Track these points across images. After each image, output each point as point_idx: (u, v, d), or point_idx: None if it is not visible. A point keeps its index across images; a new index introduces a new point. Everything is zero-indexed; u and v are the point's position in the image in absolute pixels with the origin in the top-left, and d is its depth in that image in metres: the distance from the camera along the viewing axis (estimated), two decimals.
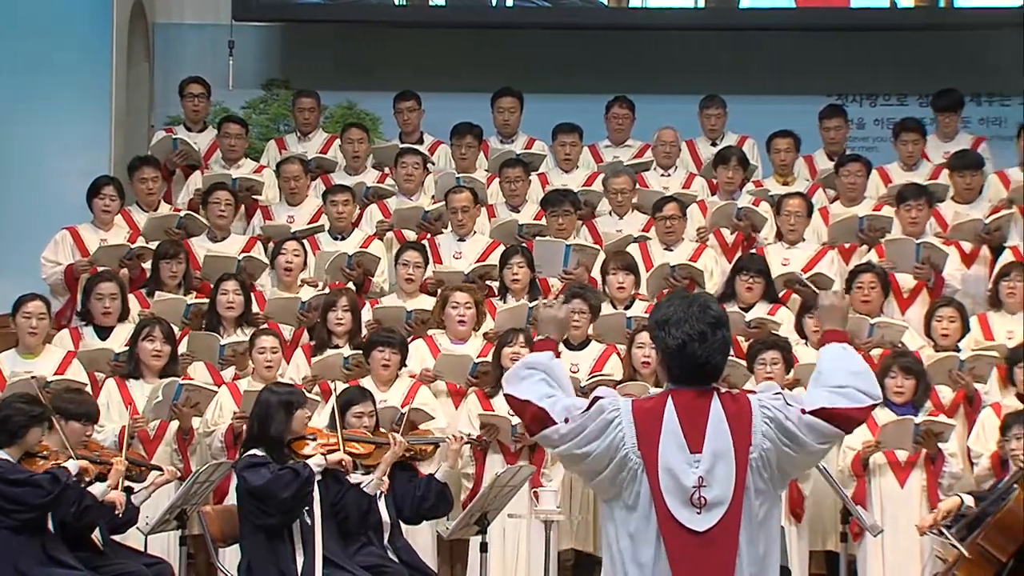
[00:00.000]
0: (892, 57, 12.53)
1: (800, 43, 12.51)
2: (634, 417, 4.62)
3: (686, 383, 4.65)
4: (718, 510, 4.57)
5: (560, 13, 12.49)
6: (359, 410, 8.09)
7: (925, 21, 12.29)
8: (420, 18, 12.63)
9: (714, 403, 4.63)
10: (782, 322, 9.47)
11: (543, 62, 12.57)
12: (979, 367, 8.94)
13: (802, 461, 4.72)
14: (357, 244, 10.29)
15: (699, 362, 4.62)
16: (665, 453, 4.59)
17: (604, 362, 9.23)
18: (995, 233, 10.18)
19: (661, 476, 4.57)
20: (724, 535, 4.56)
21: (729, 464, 4.58)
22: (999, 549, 7.15)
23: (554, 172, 11.40)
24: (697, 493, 4.57)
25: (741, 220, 10.45)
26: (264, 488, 7.40)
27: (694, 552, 4.55)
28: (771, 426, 4.61)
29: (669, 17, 12.45)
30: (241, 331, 9.42)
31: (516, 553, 8.71)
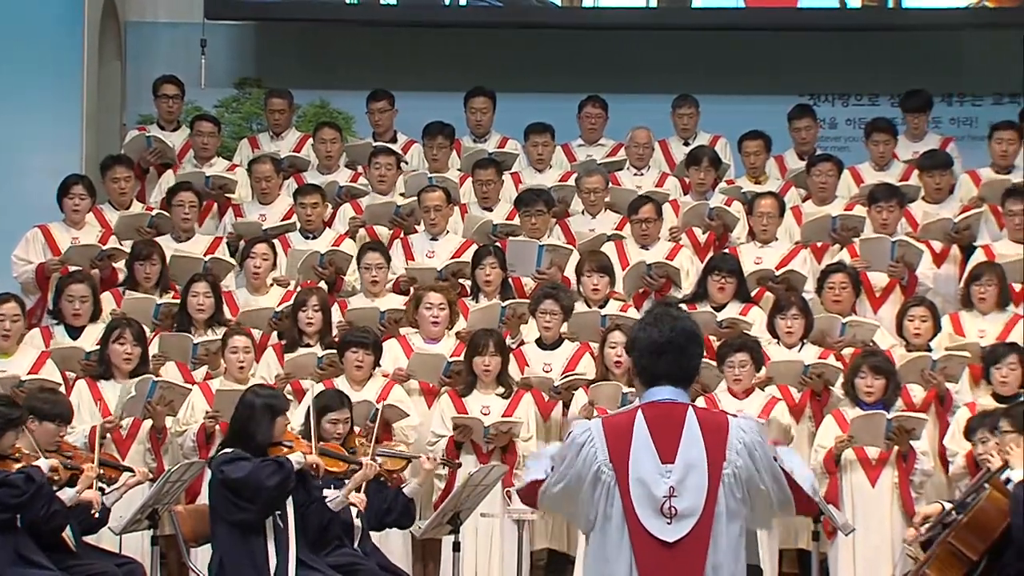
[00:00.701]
0: (864, 57, 12.56)
1: (772, 43, 12.54)
2: (605, 433, 4.67)
3: (663, 379, 4.68)
4: (688, 521, 4.59)
5: (533, 13, 12.50)
6: (335, 417, 8.07)
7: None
8: (393, 17, 12.61)
9: (689, 415, 4.67)
10: (754, 322, 9.49)
11: (516, 61, 12.57)
12: (951, 367, 8.98)
13: (764, 505, 4.71)
14: (329, 243, 10.28)
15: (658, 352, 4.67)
16: (636, 463, 4.62)
17: (577, 361, 9.24)
18: (965, 232, 10.22)
19: (632, 486, 4.60)
20: (693, 546, 4.58)
21: (701, 476, 4.60)
22: (970, 548, 7.17)
23: (527, 171, 11.40)
24: (668, 503, 4.59)
25: (713, 220, 10.47)
26: (247, 479, 7.31)
27: (663, 562, 4.57)
28: (745, 450, 4.64)
29: (636, 17, 12.47)
30: (212, 331, 9.40)
31: (489, 552, 8.71)
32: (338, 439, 8.02)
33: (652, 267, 9.92)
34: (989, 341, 9.22)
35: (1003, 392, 8.72)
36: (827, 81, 12.71)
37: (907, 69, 12.20)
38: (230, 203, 10.96)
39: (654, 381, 4.72)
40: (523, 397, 8.96)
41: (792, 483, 4.70)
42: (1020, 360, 8.75)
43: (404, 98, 11.83)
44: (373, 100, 11.71)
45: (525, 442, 8.81)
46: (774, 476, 4.68)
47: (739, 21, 12.43)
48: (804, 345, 9.30)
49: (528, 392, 9.01)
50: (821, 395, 9.03)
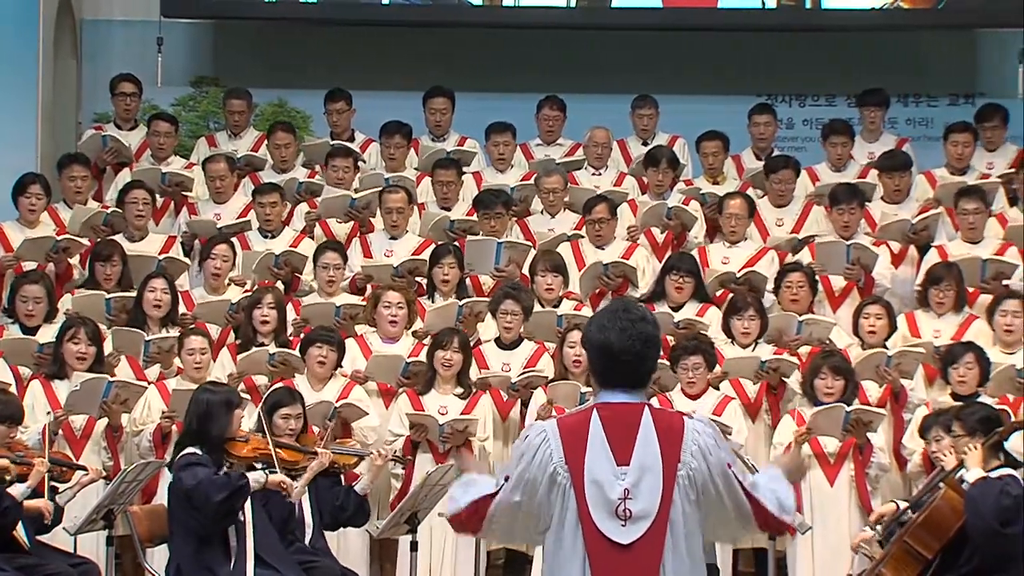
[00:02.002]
0: (821, 58, 12.62)
1: (730, 44, 12.58)
2: (560, 433, 4.64)
3: (616, 385, 4.66)
4: (643, 523, 4.57)
5: (492, 12, 12.49)
6: (286, 412, 8.00)
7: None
8: (351, 16, 12.57)
9: (645, 417, 4.64)
10: (710, 323, 9.51)
11: (475, 61, 12.57)
12: (905, 363, 9.03)
13: (718, 513, 4.67)
14: (287, 243, 10.25)
15: (615, 355, 4.62)
16: (591, 465, 4.59)
17: (536, 361, 9.24)
18: (922, 233, 10.27)
19: (587, 488, 4.58)
20: (648, 548, 4.55)
21: (656, 478, 4.58)
22: (925, 547, 7.21)
23: (488, 171, 11.40)
24: (622, 505, 4.57)
25: (671, 220, 10.49)
26: (195, 490, 7.31)
27: (617, 565, 4.55)
28: (700, 452, 4.62)
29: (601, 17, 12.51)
30: (166, 329, 9.35)
31: (446, 552, 8.69)
32: (290, 434, 7.97)
33: (609, 267, 9.93)
34: (944, 341, 9.27)
35: (961, 392, 8.76)
36: (784, 82, 12.75)
37: (864, 70, 12.26)
38: (187, 201, 10.92)
39: (608, 385, 4.69)
40: (481, 397, 8.95)
41: (749, 495, 4.66)
42: (977, 359, 8.80)
43: (362, 97, 11.81)
44: (331, 100, 11.68)
45: (481, 442, 8.81)
46: (727, 482, 4.65)
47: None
48: (759, 345, 9.33)
49: (486, 392, 9.00)
50: (777, 389, 9.06)
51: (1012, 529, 7.10)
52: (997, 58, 12.52)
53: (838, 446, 8.58)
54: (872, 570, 7.34)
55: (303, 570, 7.56)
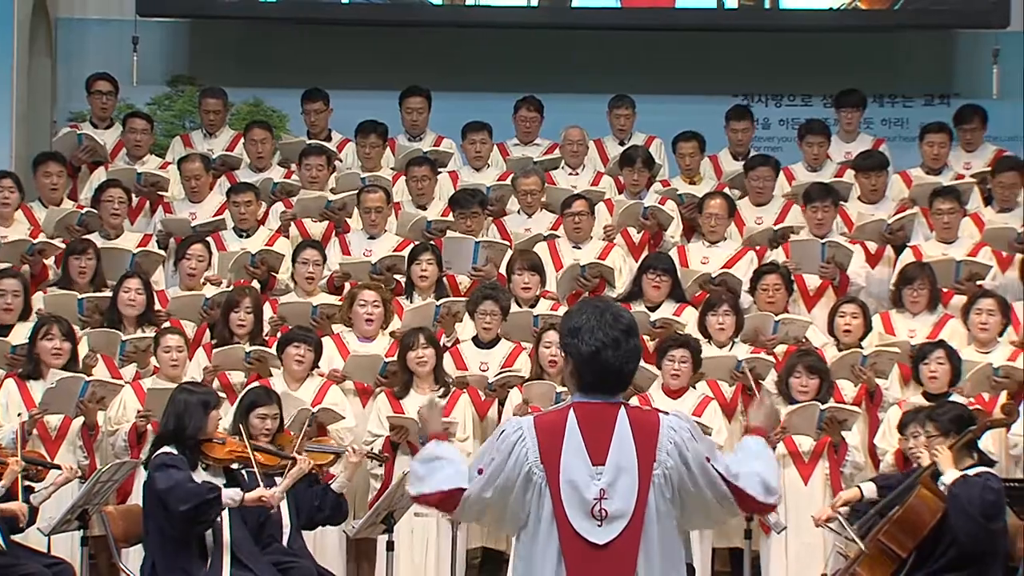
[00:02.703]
0: (797, 58, 12.64)
1: (706, 44, 12.60)
2: (536, 432, 4.62)
3: (597, 391, 4.65)
4: (619, 523, 4.56)
5: (469, 12, 12.48)
6: (263, 412, 7.97)
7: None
8: (327, 15, 12.55)
9: (620, 416, 4.62)
10: (687, 322, 9.52)
11: (452, 60, 12.56)
12: (881, 363, 9.05)
13: (698, 505, 4.66)
14: (262, 242, 10.24)
15: (613, 369, 4.61)
16: (567, 465, 4.58)
17: (514, 360, 9.24)
18: (898, 233, 10.30)
19: (563, 488, 4.57)
20: (624, 548, 4.55)
21: (632, 478, 4.57)
22: (899, 545, 7.25)
23: (465, 170, 11.40)
24: (598, 505, 4.56)
25: (648, 219, 10.50)
26: (166, 493, 7.26)
27: (593, 565, 4.54)
28: (675, 449, 4.61)
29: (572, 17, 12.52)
30: (142, 329, 9.33)
31: (424, 551, 8.69)
32: (266, 435, 7.95)
33: (586, 268, 9.94)
34: (919, 341, 9.29)
35: (932, 389, 8.79)
36: (760, 82, 12.78)
37: (840, 70, 12.29)
38: (162, 201, 10.90)
39: (589, 391, 4.67)
40: (459, 397, 8.95)
41: (731, 485, 4.64)
42: (947, 356, 8.83)
43: (339, 97, 11.80)
44: (308, 100, 11.67)
45: (461, 442, 8.79)
46: (707, 475, 4.64)
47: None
48: (735, 344, 9.35)
49: (464, 391, 9.00)
50: (752, 391, 9.07)
51: (996, 524, 7.15)
52: (972, 59, 12.55)
53: (812, 445, 8.60)
54: (847, 569, 7.37)
55: (279, 571, 7.54)
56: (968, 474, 7.29)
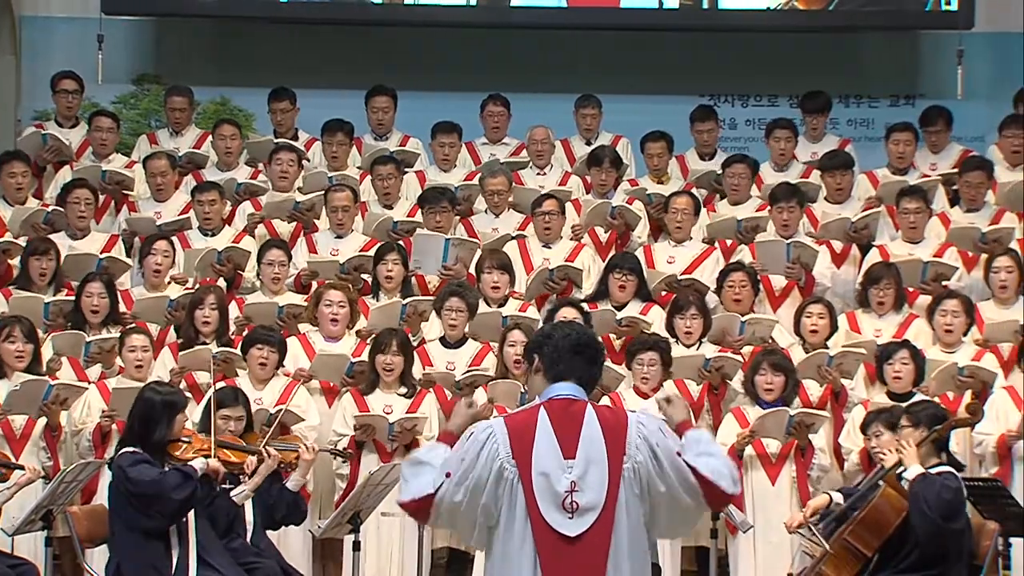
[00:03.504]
0: (764, 58, 12.68)
1: (673, 44, 12.62)
2: (507, 429, 4.69)
3: (568, 377, 4.72)
4: (590, 515, 4.61)
5: (437, 12, 12.46)
6: (227, 413, 7.89)
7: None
8: (294, 14, 12.52)
9: (588, 411, 4.70)
10: (653, 321, 9.53)
11: (419, 60, 12.55)
12: (847, 363, 9.08)
13: (667, 502, 4.70)
14: (228, 240, 10.21)
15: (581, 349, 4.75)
16: (539, 459, 4.63)
17: (481, 360, 9.24)
18: (863, 232, 10.34)
19: (535, 481, 4.62)
20: (595, 540, 4.60)
21: (602, 471, 4.62)
22: (864, 544, 7.28)
23: (432, 170, 11.39)
24: (569, 498, 4.61)
25: (615, 219, 10.51)
26: (153, 488, 7.19)
27: (566, 557, 4.59)
28: (644, 444, 4.65)
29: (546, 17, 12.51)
30: (107, 329, 9.28)
31: (390, 552, 8.68)
32: (231, 435, 7.92)
33: (554, 271, 9.93)
34: (885, 340, 9.32)
35: (896, 389, 8.83)
36: (727, 82, 12.80)
37: (806, 70, 12.33)
38: (127, 200, 10.85)
39: (561, 377, 4.74)
40: (425, 396, 8.94)
41: (701, 477, 4.69)
42: (911, 356, 8.87)
43: (306, 96, 11.77)
44: (275, 100, 11.64)
45: (428, 440, 8.78)
46: (678, 470, 4.68)
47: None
48: (702, 345, 9.36)
49: (431, 390, 8.99)
50: (719, 389, 9.09)
51: (954, 524, 7.18)
52: (937, 60, 12.61)
53: (779, 446, 8.63)
54: (812, 568, 7.39)
55: (245, 571, 7.51)
56: (930, 472, 7.33)
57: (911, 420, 7.59)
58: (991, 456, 8.74)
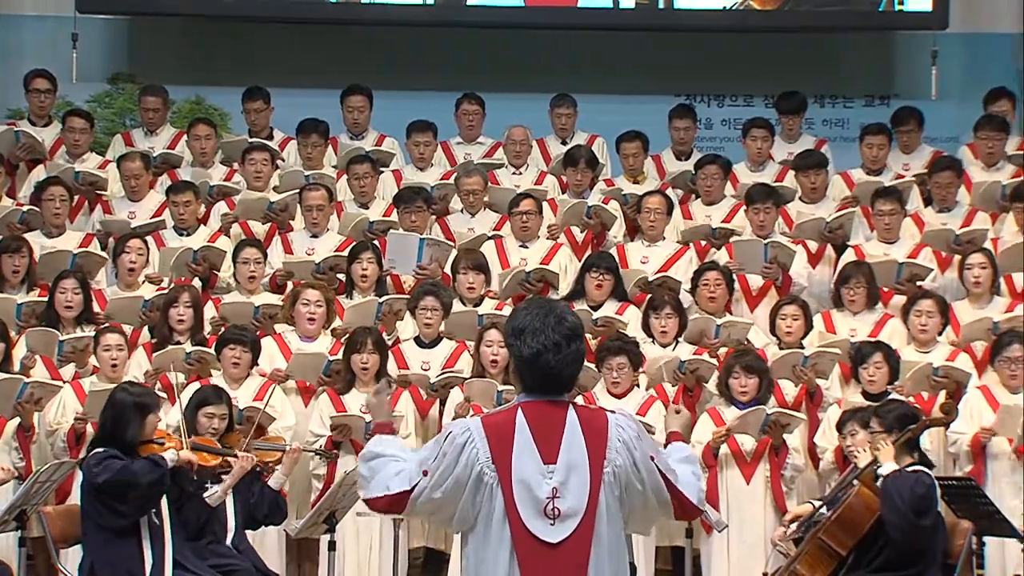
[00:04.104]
0: (740, 58, 12.70)
1: (649, 44, 12.63)
2: (485, 433, 4.61)
3: (539, 392, 4.65)
4: (571, 521, 4.56)
5: (411, 12, 12.45)
6: (211, 411, 7.93)
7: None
8: (269, 13, 12.49)
9: (570, 415, 4.64)
10: (629, 321, 9.54)
11: (395, 59, 12.53)
12: (822, 363, 9.10)
13: (640, 503, 4.68)
14: (203, 240, 10.18)
15: (553, 372, 4.62)
16: (519, 465, 4.57)
17: (455, 360, 9.23)
18: (838, 231, 10.36)
19: (515, 487, 4.56)
20: (576, 546, 4.55)
21: (583, 476, 4.58)
22: (838, 543, 7.30)
23: (408, 169, 11.38)
24: (551, 504, 4.56)
25: (591, 219, 10.51)
26: (121, 475, 7.17)
27: (546, 563, 4.54)
28: (624, 447, 4.63)
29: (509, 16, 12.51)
30: (81, 328, 9.25)
31: (369, 551, 8.66)
32: (214, 434, 7.90)
33: (530, 273, 9.92)
34: (860, 339, 9.34)
35: (871, 390, 8.86)
36: (703, 82, 12.82)
37: (782, 70, 12.35)
38: (100, 200, 10.81)
39: (532, 391, 4.68)
40: (401, 395, 8.93)
41: (671, 486, 4.68)
42: (885, 358, 8.90)
43: (281, 95, 11.75)
44: (249, 99, 11.62)
45: (404, 439, 8.78)
46: (651, 475, 4.65)
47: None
48: (679, 344, 9.38)
49: (406, 390, 8.98)
50: (694, 391, 9.10)
51: (925, 520, 7.21)
52: (911, 60, 12.65)
53: (754, 445, 8.64)
54: (787, 567, 7.41)
55: (220, 573, 7.50)
56: (904, 470, 7.36)
57: (881, 423, 7.62)
58: (965, 455, 8.78)
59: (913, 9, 12.17)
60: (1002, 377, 8.92)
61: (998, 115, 11.40)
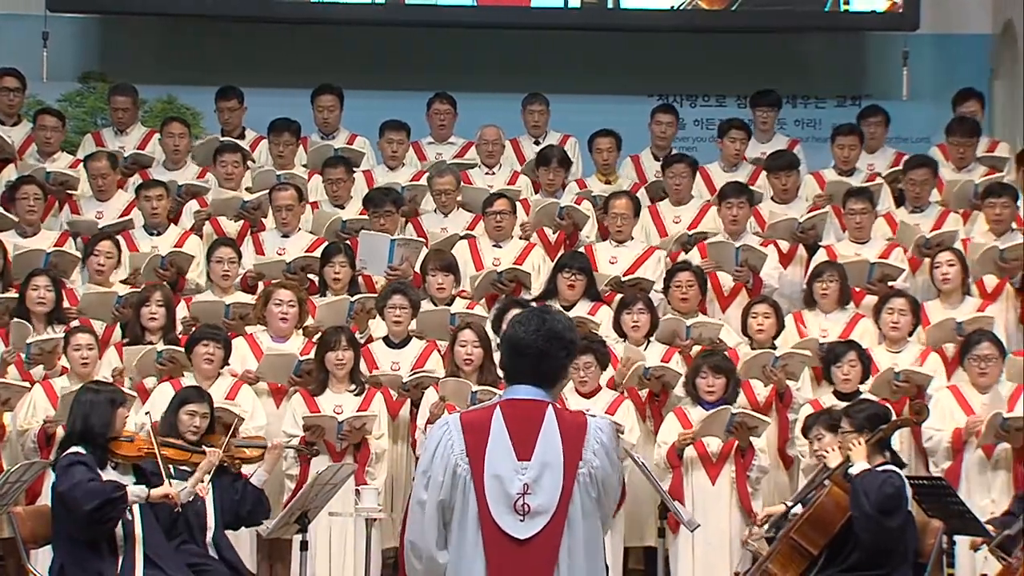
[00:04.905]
0: (712, 58, 12.72)
1: (622, 43, 12.65)
2: (462, 427, 4.67)
3: (522, 380, 4.70)
4: (541, 518, 4.60)
5: (385, 10, 12.44)
6: (192, 408, 7.93)
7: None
8: (240, 12, 12.45)
9: (548, 414, 4.68)
10: (601, 321, 9.54)
11: (366, 59, 12.52)
12: (792, 364, 9.11)
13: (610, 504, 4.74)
14: (172, 240, 10.15)
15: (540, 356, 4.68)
16: (492, 460, 4.62)
17: (425, 360, 9.22)
18: (810, 232, 10.38)
19: (487, 482, 4.61)
20: (545, 544, 4.59)
21: (556, 474, 4.61)
22: (810, 543, 7.32)
23: (380, 169, 11.36)
24: (521, 500, 4.60)
25: (563, 219, 10.52)
26: (68, 494, 7.19)
27: (514, 559, 4.58)
28: (602, 450, 4.66)
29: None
30: (52, 329, 9.21)
31: (341, 551, 8.64)
32: (196, 432, 7.89)
33: (503, 273, 9.92)
34: (832, 339, 9.36)
35: (844, 389, 8.87)
36: (676, 82, 12.84)
37: (754, 71, 12.37)
38: (70, 200, 10.77)
39: (515, 379, 4.74)
40: (375, 395, 8.92)
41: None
42: (859, 358, 8.92)
43: (252, 94, 11.73)
44: (222, 98, 11.59)
45: (377, 439, 8.78)
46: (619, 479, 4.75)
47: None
48: (650, 343, 9.38)
49: (378, 390, 8.97)
50: (660, 396, 9.11)
51: (892, 520, 7.23)
52: (882, 61, 12.70)
53: (720, 446, 8.65)
54: (758, 567, 7.43)
55: (193, 572, 7.48)
56: (875, 469, 7.38)
57: (851, 423, 7.63)
58: (944, 452, 8.78)
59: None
60: (971, 375, 8.93)
61: (968, 116, 11.44)
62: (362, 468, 8.54)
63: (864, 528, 7.21)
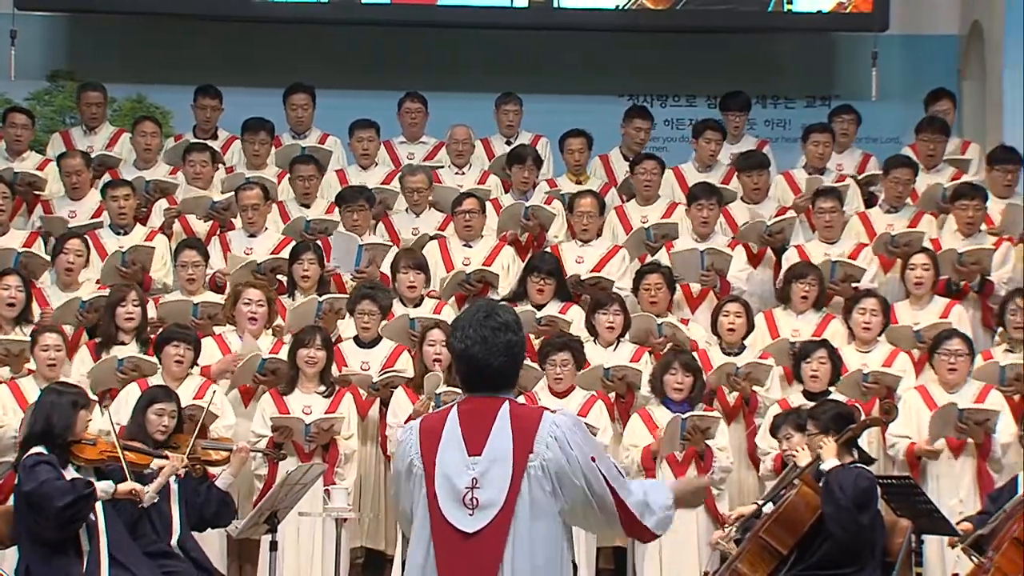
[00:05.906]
0: (681, 58, 12.73)
1: (592, 44, 12.65)
2: (420, 428, 4.73)
3: (475, 389, 4.71)
4: (489, 511, 4.59)
5: (358, 10, 12.41)
6: (160, 407, 7.91)
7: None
8: (211, 11, 12.41)
9: (503, 410, 4.67)
10: (573, 320, 9.54)
11: (339, 58, 12.50)
12: (756, 372, 9.08)
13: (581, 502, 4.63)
14: (140, 240, 10.09)
15: (480, 365, 4.66)
16: (443, 456, 4.64)
17: (395, 360, 9.22)
18: (778, 235, 10.40)
19: (437, 478, 4.63)
20: (492, 537, 4.58)
21: (505, 468, 4.60)
22: (780, 542, 7.32)
23: (352, 169, 11.34)
24: (469, 494, 4.60)
25: (529, 220, 10.50)
26: (37, 493, 7.16)
27: (461, 552, 4.58)
28: (556, 443, 4.61)
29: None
30: (19, 330, 9.15)
31: (310, 551, 8.62)
32: (164, 432, 7.87)
33: (471, 274, 9.91)
34: (803, 339, 9.35)
35: (813, 388, 8.88)
36: (646, 82, 12.84)
37: (724, 71, 12.39)
38: (39, 200, 10.71)
39: (472, 390, 4.74)
40: (344, 396, 8.91)
41: (617, 496, 4.64)
42: (829, 355, 8.93)
43: (224, 94, 11.68)
44: (203, 96, 11.54)
45: (346, 440, 8.76)
46: (591, 475, 4.62)
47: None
48: (621, 343, 9.38)
49: (347, 390, 8.95)
50: (625, 397, 9.10)
51: (865, 516, 7.24)
52: (852, 61, 12.73)
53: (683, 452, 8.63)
54: (728, 566, 7.43)
55: (162, 573, 7.45)
56: (847, 466, 7.40)
57: (816, 424, 7.63)
58: (902, 463, 8.81)
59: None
60: (940, 372, 8.92)
61: (939, 116, 11.48)
62: (331, 468, 8.52)
63: (837, 523, 7.21)
